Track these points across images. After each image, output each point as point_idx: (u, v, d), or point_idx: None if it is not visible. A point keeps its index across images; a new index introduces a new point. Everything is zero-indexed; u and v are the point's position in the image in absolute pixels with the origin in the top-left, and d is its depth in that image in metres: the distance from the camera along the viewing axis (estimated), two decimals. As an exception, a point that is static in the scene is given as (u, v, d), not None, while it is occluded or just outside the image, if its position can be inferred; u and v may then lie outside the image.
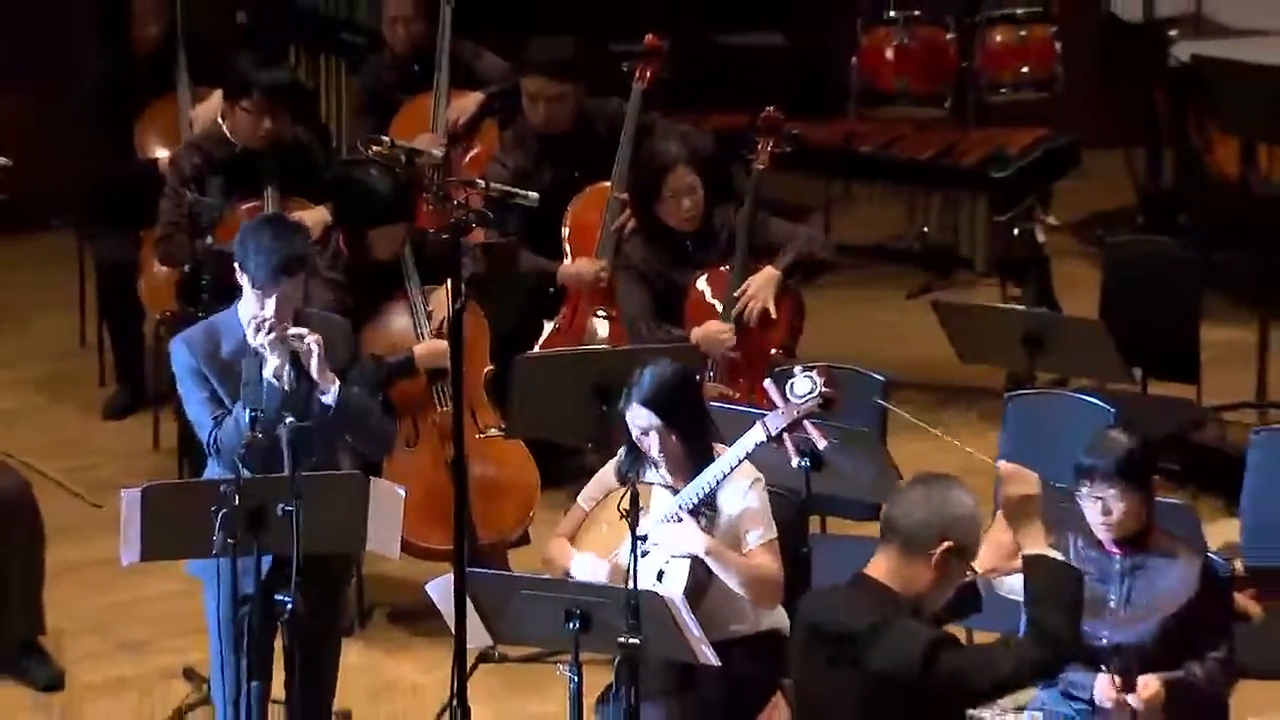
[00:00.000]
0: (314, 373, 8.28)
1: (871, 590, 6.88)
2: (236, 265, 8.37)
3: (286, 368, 8.27)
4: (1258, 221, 12.29)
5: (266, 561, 8.03)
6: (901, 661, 6.71)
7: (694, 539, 8.39)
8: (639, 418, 8.52)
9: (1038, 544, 7.00)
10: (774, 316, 10.63)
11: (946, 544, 6.86)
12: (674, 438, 8.49)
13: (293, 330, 8.25)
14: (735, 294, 10.63)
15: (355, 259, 10.29)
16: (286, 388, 8.26)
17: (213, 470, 8.46)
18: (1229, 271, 11.92)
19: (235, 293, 8.46)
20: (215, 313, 8.66)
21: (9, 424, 10.86)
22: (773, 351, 10.53)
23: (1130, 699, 8.08)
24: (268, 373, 8.26)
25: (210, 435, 8.41)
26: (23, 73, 12.75)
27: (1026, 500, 7.08)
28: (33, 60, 12.69)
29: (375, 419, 8.68)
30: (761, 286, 10.64)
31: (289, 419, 8.14)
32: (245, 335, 8.34)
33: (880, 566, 6.91)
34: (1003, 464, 7.19)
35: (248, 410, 8.16)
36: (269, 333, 8.24)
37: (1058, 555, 7.02)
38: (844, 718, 6.81)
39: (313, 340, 8.26)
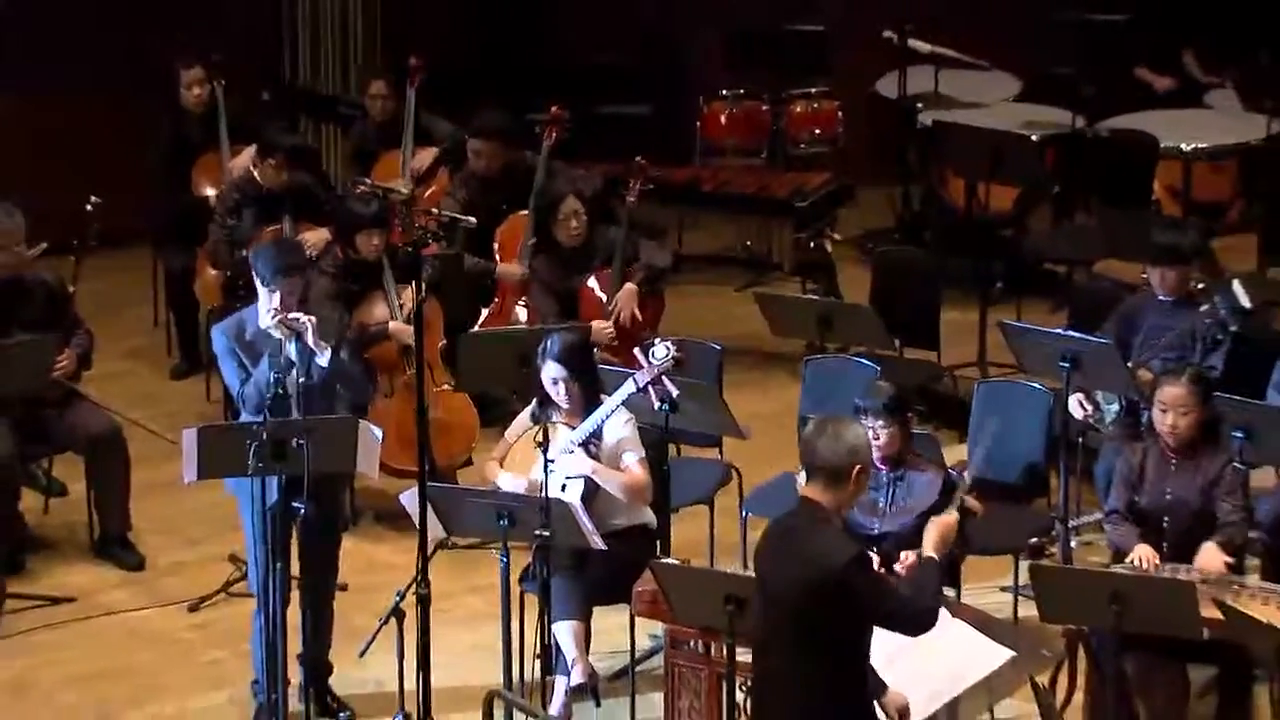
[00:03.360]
0: (310, 343, 8.29)
1: (811, 507, 6.70)
2: (251, 269, 8.41)
3: (293, 343, 8.27)
4: (978, 237, 12.32)
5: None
6: (833, 560, 6.54)
7: (584, 464, 8.45)
8: (551, 370, 8.55)
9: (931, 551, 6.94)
10: (639, 317, 10.64)
11: (857, 465, 6.71)
12: (575, 385, 8.53)
13: (291, 315, 8.27)
14: (609, 308, 10.64)
15: (349, 263, 10.29)
16: (294, 357, 8.26)
17: (246, 417, 8.43)
18: (958, 272, 11.92)
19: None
20: (248, 304, 8.65)
21: (106, 384, 10.75)
22: (642, 333, 10.51)
23: (897, 568, 8.09)
24: (290, 353, 8.28)
25: (238, 394, 8.45)
26: (110, 131, 12.63)
27: (949, 531, 7.00)
28: (116, 123, 12.58)
29: (357, 374, 8.73)
30: (626, 299, 10.69)
31: (301, 379, 8.17)
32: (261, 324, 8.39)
33: (814, 490, 6.67)
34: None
35: (271, 373, 8.18)
36: (275, 318, 8.26)
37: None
38: (790, 600, 6.67)
39: (306, 321, 8.29)
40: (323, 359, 8.36)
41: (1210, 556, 8.06)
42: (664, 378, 8.59)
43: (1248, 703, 8.03)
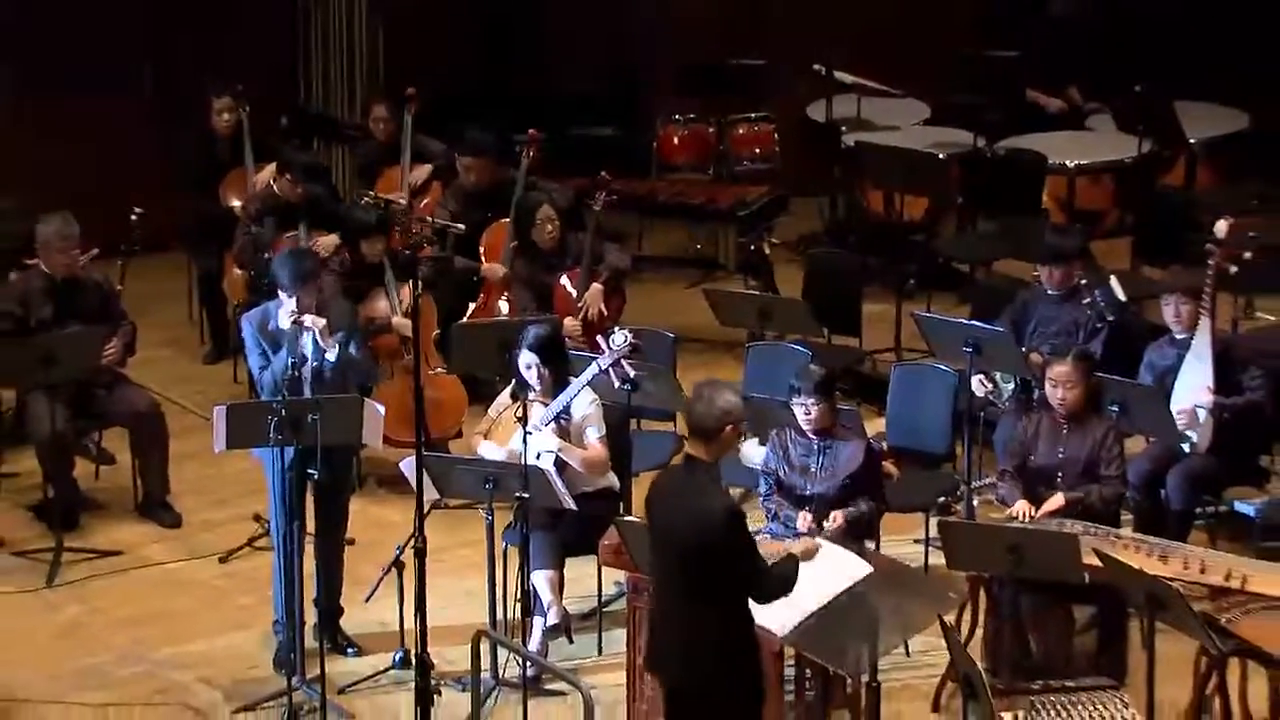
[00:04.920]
0: (320, 342, 8.29)
1: (693, 462, 6.70)
2: (275, 277, 8.41)
3: (309, 338, 8.30)
4: (895, 240, 12.33)
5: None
6: (712, 511, 6.54)
7: (551, 441, 8.42)
8: (525, 358, 8.54)
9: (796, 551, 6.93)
10: (605, 311, 10.63)
11: (729, 425, 6.70)
12: (546, 371, 8.52)
13: (305, 318, 8.27)
14: (578, 304, 10.61)
15: (355, 263, 10.27)
16: (308, 351, 8.31)
17: (265, 398, 8.44)
18: (877, 271, 11.94)
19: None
20: (270, 299, 8.65)
21: (148, 368, 10.74)
22: (608, 325, 10.48)
23: (825, 524, 8.10)
24: (305, 347, 8.33)
25: (259, 375, 8.46)
26: (150, 151, 12.58)
27: (810, 550, 7.00)
28: (156, 144, 12.53)
29: (361, 366, 8.75)
30: (594, 296, 10.67)
31: (313, 365, 8.25)
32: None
33: (694, 447, 6.67)
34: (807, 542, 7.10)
35: (290, 361, 8.18)
36: (292, 320, 8.26)
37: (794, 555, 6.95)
38: (678, 546, 6.65)
39: (316, 323, 8.28)
40: (331, 354, 8.36)
41: (1053, 501, 8.17)
42: (623, 361, 8.60)
43: (1123, 637, 8.07)
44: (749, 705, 6.66)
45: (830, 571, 6.98)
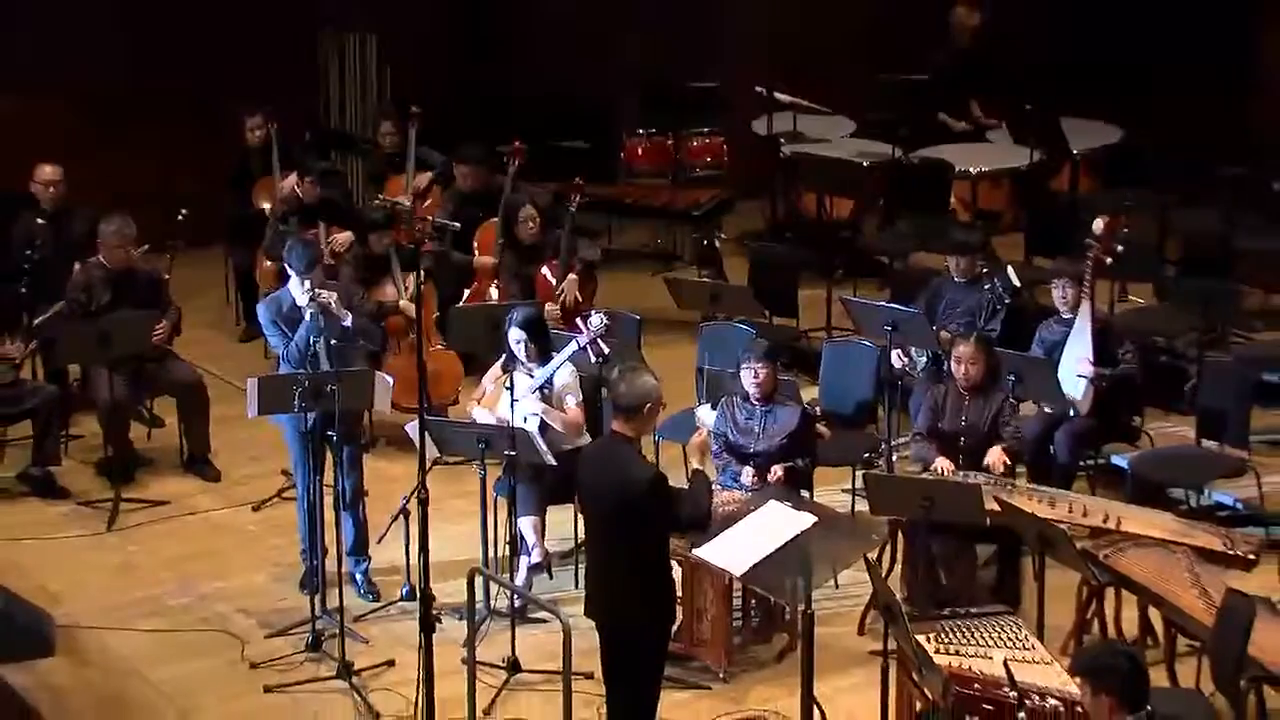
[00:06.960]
0: (334, 312, 8.24)
1: (617, 437, 6.69)
2: (285, 264, 8.35)
3: (320, 313, 8.26)
4: (826, 236, 12.31)
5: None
6: (637, 480, 6.54)
7: (537, 406, 8.40)
8: (515, 334, 8.53)
9: (701, 464, 6.82)
10: (579, 297, 10.59)
11: (648, 405, 6.68)
12: (532, 345, 8.49)
13: (320, 292, 8.23)
14: (557, 291, 10.57)
15: (366, 256, 10.25)
16: (321, 324, 8.25)
17: (283, 368, 8.44)
18: (811, 262, 11.92)
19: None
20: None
21: (191, 346, 10.66)
22: (583, 308, 10.45)
23: (769, 476, 8.10)
24: (319, 320, 8.26)
25: (283, 353, 8.42)
26: (193, 162, 12.51)
27: (704, 445, 6.92)
28: (199, 156, 12.46)
29: (372, 331, 8.76)
30: (570, 285, 10.60)
31: (334, 341, 8.18)
32: (294, 300, 8.34)
33: (619, 424, 6.67)
34: (700, 432, 6.99)
35: (309, 336, 8.14)
36: (309, 297, 8.21)
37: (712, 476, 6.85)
38: (607, 509, 6.67)
39: (330, 296, 8.24)
40: (346, 320, 8.35)
41: (996, 455, 8.16)
42: (598, 340, 8.58)
43: (1018, 570, 8.11)
44: (660, 630, 6.74)
45: (781, 525, 6.99)
